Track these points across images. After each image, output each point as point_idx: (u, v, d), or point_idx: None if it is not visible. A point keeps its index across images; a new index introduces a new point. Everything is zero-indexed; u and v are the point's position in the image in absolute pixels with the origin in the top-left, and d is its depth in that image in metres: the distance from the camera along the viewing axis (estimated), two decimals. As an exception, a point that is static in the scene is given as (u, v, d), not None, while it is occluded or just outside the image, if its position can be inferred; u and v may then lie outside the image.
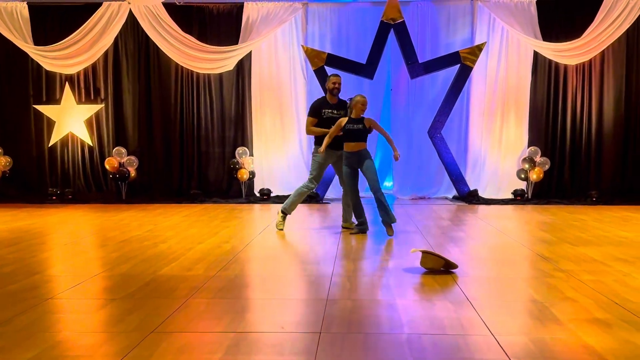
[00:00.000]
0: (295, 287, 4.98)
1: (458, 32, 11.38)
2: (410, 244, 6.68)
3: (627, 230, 7.73)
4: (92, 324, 3.95)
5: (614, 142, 11.26)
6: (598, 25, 10.95)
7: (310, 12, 11.46)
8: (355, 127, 7.29)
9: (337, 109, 7.63)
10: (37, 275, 5.31)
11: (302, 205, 10.71)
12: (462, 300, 4.45)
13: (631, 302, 4.34)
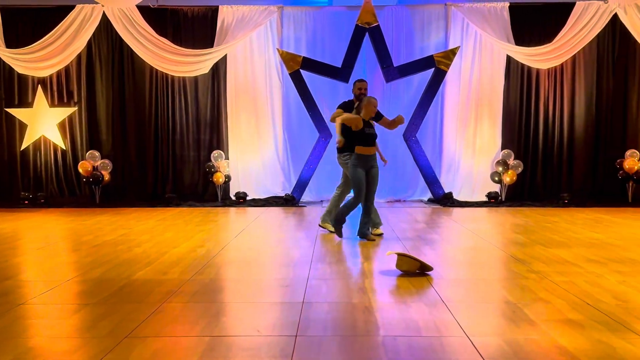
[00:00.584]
0: (271, 291, 4.97)
1: (432, 36, 11.47)
2: (386, 247, 6.71)
3: (598, 232, 7.85)
4: (65, 330, 3.90)
5: (585, 145, 11.42)
6: (569, 30, 11.12)
7: (285, 16, 11.46)
8: (372, 131, 7.21)
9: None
10: (9, 281, 5.24)
11: (278, 208, 10.71)
12: (437, 302, 4.48)
13: (603, 303, 4.40)
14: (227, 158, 11.48)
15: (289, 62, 10.86)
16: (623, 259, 6.01)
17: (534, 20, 11.31)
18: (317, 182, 11.51)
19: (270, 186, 11.63)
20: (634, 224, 8.65)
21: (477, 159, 11.56)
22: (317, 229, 8.25)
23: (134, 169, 11.64)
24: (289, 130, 11.55)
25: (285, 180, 11.62)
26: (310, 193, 11.49)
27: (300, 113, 11.30)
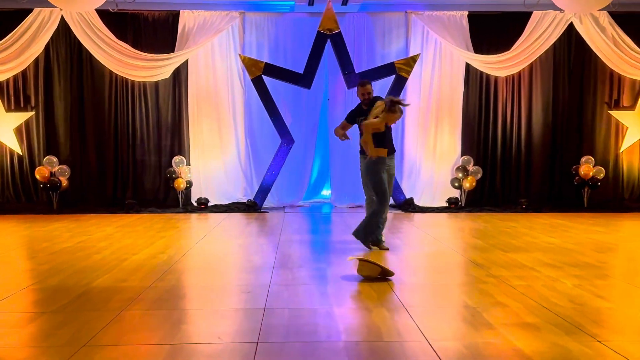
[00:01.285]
0: (232, 297, 4.95)
1: (393, 43, 11.58)
2: (347, 252, 6.73)
3: (555, 237, 8.01)
4: (22, 339, 3.82)
5: (542, 151, 11.66)
6: (526, 39, 11.35)
7: (247, 21, 11.44)
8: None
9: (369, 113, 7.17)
10: (-38, 290, 5.11)
11: (240, 214, 10.67)
12: (398, 307, 4.52)
13: (559, 306, 4.50)
14: (189, 164, 11.39)
15: (251, 67, 10.84)
16: (579, 263, 6.15)
17: (492, 28, 11.51)
18: (279, 188, 11.50)
19: (232, 192, 11.58)
20: (590, 228, 8.86)
21: (438, 165, 11.70)
22: (280, 234, 8.24)
23: (93, 174, 11.46)
24: (251, 136, 11.53)
25: (247, 186, 11.58)
26: (272, 199, 11.48)
27: (262, 119, 11.28)
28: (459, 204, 11.37)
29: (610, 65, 11.44)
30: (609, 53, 11.35)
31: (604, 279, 5.44)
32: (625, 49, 11.31)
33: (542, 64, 11.56)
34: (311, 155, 11.83)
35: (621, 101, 11.66)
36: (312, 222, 10.02)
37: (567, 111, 11.64)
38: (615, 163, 11.70)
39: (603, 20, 11.33)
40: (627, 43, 11.32)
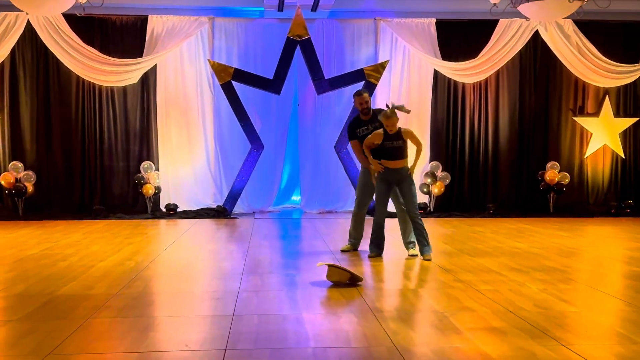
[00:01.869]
0: (200, 304, 4.92)
1: (362, 49, 11.64)
2: (317, 258, 6.75)
3: (521, 242, 8.12)
4: (-15, 349, 3.76)
5: (509, 157, 11.82)
6: (493, 46, 11.50)
7: (216, 27, 11.40)
8: (395, 144, 6.69)
9: (371, 123, 7.09)
10: None
11: (209, 220, 10.62)
12: (366, 313, 4.55)
13: (524, 311, 4.57)
14: (158, 169, 11.30)
15: (220, 73, 10.81)
16: (544, 268, 6.25)
17: (459, 36, 11.65)
18: (249, 194, 11.47)
19: (201, 198, 11.51)
20: (555, 233, 9.00)
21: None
22: (249, 240, 8.22)
23: (60, 180, 11.30)
24: (220, 142, 11.48)
25: (217, 192, 11.53)
26: (242, 204, 11.44)
27: (232, 124, 11.25)
28: (427, 209, 11.47)
29: (574, 73, 11.66)
30: (574, 60, 11.56)
31: (568, 283, 5.54)
32: (589, 57, 11.54)
33: (508, 71, 11.73)
34: (281, 161, 11.83)
35: (585, 108, 11.88)
36: (282, 228, 10.02)
37: (533, 118, 11.82)
38: (580, 169, 11.92)
39: (568, 28, 11.55)
40: (591, 51, 11.55)
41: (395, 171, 6.75)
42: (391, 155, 6.70)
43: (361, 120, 7.16)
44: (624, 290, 5.42)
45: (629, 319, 4.44)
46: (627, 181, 11.92)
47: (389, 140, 6.68)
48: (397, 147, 6.67)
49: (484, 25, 11.49)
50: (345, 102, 11.47)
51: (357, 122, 7.21)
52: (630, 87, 11.84)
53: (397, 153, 6.69)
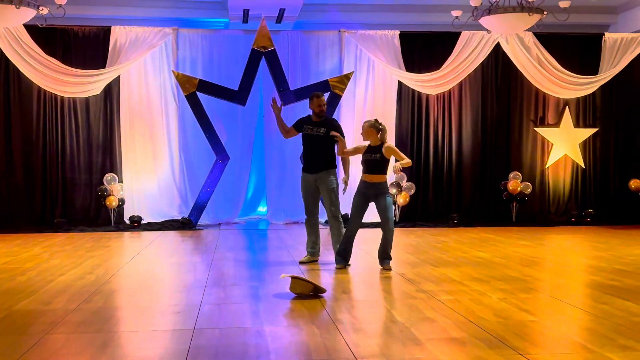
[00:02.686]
0: (161, 318, 4.88)
1: (327, 61, 11.70)
2: (281, 269, 6.73)
3: (484, 251, 8.22)
4: (-64, 368, 3.67)
5: (472, 168, 11.94)
6: (456, 58, 11.64)
7: (181, 37, 11.35)
8: (372, 157, 6.67)
9: (319, 126, 7.14)
10: None
11: (174, 232, 10.52)
12: (328, 325, 4.55)
13: (484, 320, 4.62)
14: (121, 181, 11.16)
15: (185, 84, 10.76)
16: (505, 277, 6.33)
17: (423, 48, 11.77)
18: (214, 205, 11.39)
19: (166, 209, 11.41)
20: (517, 242, 9.13)
21: (372, 181, 11.82)
22: (214, 252, 8.17)
23: (21, 192, 11.08)
24: (185, 153, 11.40)
25: (182, 204, 11.43)
26: (207, 216, 11.36)
27: (197, 135, 11.18)
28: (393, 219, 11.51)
29: (535, 84, 11.86)
30: (534, 72, 11.77)
31: (528, 293, 5.61)
32: (549, 68, 11.75)
33: (471, 82, 11.88)
34: (247, 172, 11.79)
35: (546, 119, 12.09)
36: (247, 239, 9.99)
37: (495, 128, 11.98)
38: (542, 178, 12.10)
39: (528, 40, 11.75)
40: (550, 62, 11.77)
41: (371, 185, 6.72)
42: (368, 168, 6.72)
43: (312, 120, 7.24)
44: (583, 299, 5.52)
45: (587, 327, 4.53)
46: (587, 191, 12.14)
47: (368, 153, 6.70)
48: (373, 160, 6.66)
49: (447, 38, 11.64)
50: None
51: (308, 118, 7.32)
52: (589, 98, 12.07)
53: (373, 167, 6.67)
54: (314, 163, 7.18)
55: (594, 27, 12.51)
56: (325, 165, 7.17)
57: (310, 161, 7.22)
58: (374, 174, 6.72)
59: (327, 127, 7.11)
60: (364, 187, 6.77)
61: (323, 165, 7.16)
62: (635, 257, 7.61)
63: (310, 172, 7.20)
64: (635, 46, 11.86)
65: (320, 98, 7.25)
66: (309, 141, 7.22)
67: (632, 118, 12.10)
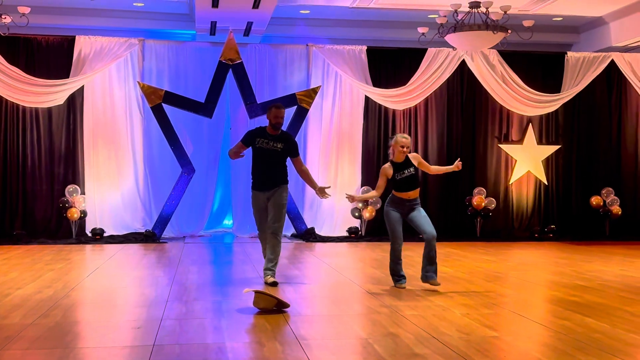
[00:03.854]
0: (120, 334, 4.77)
1: (295, 74, 11.71)
2: (245, 284, 6.67)
3: (448, 266, 8.26)
4: None
5: (437, 183, 12.03)
6: (422, 74, 11.76)
7: (147, 48, 11.25)
8: (407, 172, 6.45)
9: (275, 140, 6.70)
10: None
11: (137, 245, 10.37)
12: (291, 341, 4.51)
13: (447, 336, 4.62)
14: (83, 193, 10.98)
15: (150, 95, 10.66)
16: (469, 292, 6.36)
17: (389, 63, 11.86)
18: (179, 218, 11.28)
19: (130, 222, 11.24)
20: (481, 257, 9.20)
21: (339, 196, 11.81)
22: (177, 265, 8.06)
23: (-21, 204, 10.84)
24: (150, 165, 11.27)
25: (146, 216, 11.29)
26: (172, 229, 11.24)
27: (162, 147, 11.07)
28: (359, 233, 11.54)
29: (499, 101, 12.03)
30: (499, 89, 11.94)
31: (491, 308, 5.64)
32: (513, 86, 11.94)
33: (436, 98, 12.00)
34: (213, 185, 11.70)
35: (510, 135, 12.25)
36: (212, 253, 9.90)
37: (460, 144, 12.09)
38: (506, 194, 12.24)
39: (493, 58, 11.93)
40: (514, 80, 11.95)
41: (408, 201, 6.55)
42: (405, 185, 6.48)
43: (266, 133, 6.73)
44: (544, 315, 5.57)
45: (547, 343, 4.56)
46: (549, 207, 12.31)
47: (399, 170, 6.45)
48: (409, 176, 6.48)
49: (413, 54, 11.75)
50: (278, 126, 11.46)
51: (261, 131, 6.78)
52: (552, 116, 12.28)
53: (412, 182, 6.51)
54: (267, 180, 6.74)
55: (557, 46, 12.76)
56: (280, 181, 6.78)
57: (264, 178, 6.75)
58: (412, 190, 6.55)
59: (284, 143, 6.74)
60: (400, 206, 6.51)
61: (277, 181, 6.76)
62: (596, 273, 7.73)
63: (263, 189, 6.78)
64: (597, 65, 12.12)
65: (280, 109, 6.72)
66: (263, 156, 6.73)
67: (594, 136, 12.33)
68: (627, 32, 11.73)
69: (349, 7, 11.36)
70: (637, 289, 6.66)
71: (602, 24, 12.18)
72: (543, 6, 11.19)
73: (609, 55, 12.11)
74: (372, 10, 11.54)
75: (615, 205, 11.96)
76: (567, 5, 11.21)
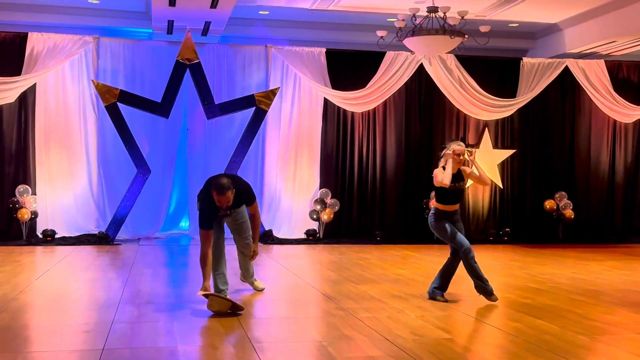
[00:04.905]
0: (70, 338, 4.65)
1: (254, 75, 11.63)
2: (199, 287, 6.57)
3: (405, 268, 8.30)
4: None
5: (396, 185, 12.09)
6: (380, 77, 11.80)
7: (102, 47, 11.03)
8: (458, 185, 6.08)
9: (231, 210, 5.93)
10: None
11: (90, 246, 10.16)
12: (245, 344, 4.46)
13: (400, 338, 4.63)
14: (35, 193, 10.70)
15: (105, 94, 10.46)
16: (423, 294, 6.38)
17: (349, 66, 11.87)
18: (134, 219, 11.08)
19: (82, 223, 11.00)
20: (436, 260, 9.23)
21: (297, 198, 11.80)
22: (131, 268, 7.92)
23: None
24: (104, 165, 11.05)
25: (99, 217, 11.06)
26: (127, 230, 11.04)
27: (117, 147, 10.86)
28: (317, 235, 11.52)
29: (456, 105, 12.14)
30: (456, 94, 12.06)
31: (445, 310, 5.68)
32: (470, 91, 12.07)
33: (395, 101, 12.05)
34: (169, 186, 11.55)
35: (467, 139, 12.36)
36: (167, 255, 9.76)
37: (418, 147, 12.16)
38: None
39: (450, 63, 12.05)
40: (471, 85, 12.09)
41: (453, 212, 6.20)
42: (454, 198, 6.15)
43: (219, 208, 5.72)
44: (497, 317, 5.62)
45: (499, 345, 4.60)
46: (505, 210, 12.48)
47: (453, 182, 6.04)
48: (459, 190, 6.16)
49: (372, 57, 11.78)
50: (236, 127, 11.39)
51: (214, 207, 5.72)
52: (507, 121, 12.45)
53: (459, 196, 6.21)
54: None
55: (513, 52, 12.95)
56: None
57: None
58: (457, 203, 6.23)
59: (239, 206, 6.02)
60: (447, 217, 6.16)
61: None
62: (548, 276, 7.86)
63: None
64: (552, 71, 12.34)
65: (226, 195, 5.54)
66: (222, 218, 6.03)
67: (548, 141, 12.55)
68: (581, 39, 11.98)
69: (309, 9, 11.34)
70: (587, 291, 6.79)
71: (557, 30, 12.42)
72: (500, 12, 11.36)
73: (563, 61, 12.35)
74: (331, 13, 11.55)
75: (568, 209, 12.19)
76: (523, 11, 11.39)
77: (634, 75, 12.65)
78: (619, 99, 12.36)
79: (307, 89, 11.72)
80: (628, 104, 12.40)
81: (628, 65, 12.63)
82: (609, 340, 4.70)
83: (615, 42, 11.70)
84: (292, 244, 11.15)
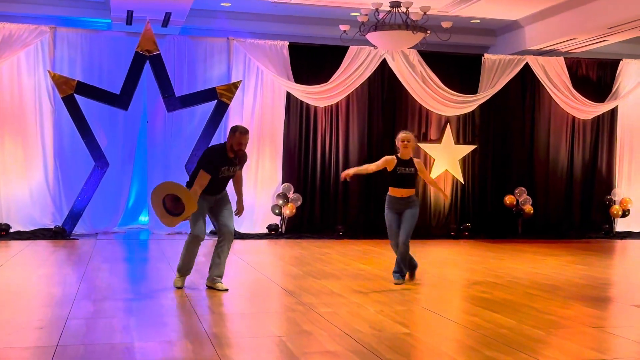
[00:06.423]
0: (23, 334, 4.52)
1: (215, 68, 11.49)
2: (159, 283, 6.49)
3: (366, 263, 8.31)
4: None
5: (357, 180, 12.07)
6: (343, 72, 11.78)
7: (58, 37, 10.76)
8: (407, 170, 6.61)
9: (235, 165, 6.16)
10: None
11: (46, 241, 9.93)
12: (203, 339, 4.39)
13: (360, 332, 4.61)
14: (-12, 187, 10.43)
15: (62, 85, 10.21)
16: (383, 289, 6.39)
17: (311, 60, 11.81)
18: (92, 214, 10.85)
19: (38, 217, 10.75)
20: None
21: (259, 192, 11.72)
22: (88, 263, 7.76)
23: None
24: (61, 158, 10.80)
25: (56, 212, 10.81)
26: (84, 225, 10.81)
27: (74, 140, 10.62)
28: (279, 230, 11.47)
29: (419, 101, 12.19)
30: (418, 89, 12.11)
31: (404, 305, 5.69)
32: (432, 86, 12.13)
33: (358, 96, 12.05)
34: (128, 180, 11.35)
35: (429, 135, 12.45)
36: (126, 250, 9.61)
37: (380, 142, 12.17)
38: (424, 193, 12.41)
39: (413, 58, 12.09)
40: (433, 80, 12.15)
41: (405, 199, 6.68)
42: (402, 182, 6.64)
43: (228, 157, 6.06)
44: (455, 312, 5.66)
45: (456, 339, 4.63)
46: (466, 205, 12.59)
47: (402, 166, 6.63)
48: (408, 174, 6.65)
49: (335, 51, 11.75)
50: (197, 120, 11.24)
51: (223, 157, 6.06)
52: (469, 116, 12.56)
53: (409, 180, 6.68)
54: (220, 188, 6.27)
55: (475, 48, 13.05)
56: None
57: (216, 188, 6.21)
58: (408, 188, 6.67)
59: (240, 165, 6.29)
60: (396, 203, 6.68)
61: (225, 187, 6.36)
62: (506, 271, 7.94)
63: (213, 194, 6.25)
64: (513, 67, 12.47)
65: (246, 136, 6.06)
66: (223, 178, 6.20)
67: (508, 137, 12.70)
68: (541, 36, 12.14)
69: (271, 2, 11.24)
70: (544, 286, 6.88)
71: (518, 27, 12.56)
72: (461, 8, 11.42)
73: (523, 58, 12.50)
74: (294, 6, 11.47)
75: (527, 204, 12.35)
76: (484, 8, 11.49)
77: (593, 73, 12.87)
78: (578, 95, 12.55)
79: (269, 83, 11.63)
80: (587, 101, 12.61)
81: (587, 63, 12.84)
82: (564, 334, 4.76)
83: (575, 40, 11.88)
84: (253, 238, 11.08)
